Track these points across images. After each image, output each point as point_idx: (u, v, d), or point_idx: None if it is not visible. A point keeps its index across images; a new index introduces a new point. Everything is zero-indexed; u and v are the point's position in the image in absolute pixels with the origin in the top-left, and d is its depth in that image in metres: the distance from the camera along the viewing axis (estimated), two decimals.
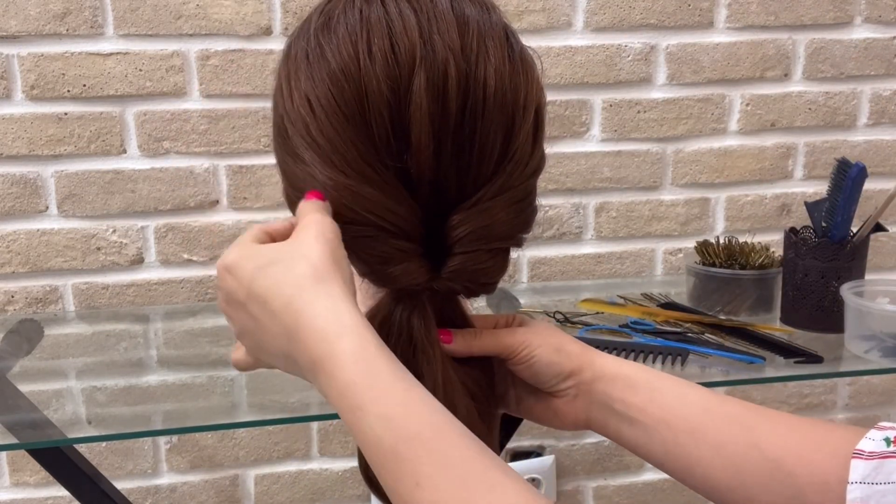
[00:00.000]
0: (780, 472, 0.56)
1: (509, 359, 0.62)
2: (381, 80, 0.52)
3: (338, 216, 0.55)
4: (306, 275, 0.49)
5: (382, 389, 0.47)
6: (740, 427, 0.58)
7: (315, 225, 0.52)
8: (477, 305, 0.65)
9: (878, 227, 1.09)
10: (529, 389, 0.65)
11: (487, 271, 0.58)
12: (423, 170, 0.54)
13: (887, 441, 0.53)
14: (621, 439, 0.63)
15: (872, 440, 0.54)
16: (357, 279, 0.60)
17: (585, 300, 1.23)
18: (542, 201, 0.62)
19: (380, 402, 0.47)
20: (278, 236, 0.55)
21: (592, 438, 1.55)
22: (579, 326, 1.13)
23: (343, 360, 0.47)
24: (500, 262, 0.59)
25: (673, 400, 0.60)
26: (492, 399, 0.63)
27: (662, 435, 0.60)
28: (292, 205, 0.60)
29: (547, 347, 0.62)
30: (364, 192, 0.54)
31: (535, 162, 0.59)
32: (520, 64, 0.56)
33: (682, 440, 0.59)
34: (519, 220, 0.59)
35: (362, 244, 0.55)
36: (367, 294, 0.59)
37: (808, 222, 1.13)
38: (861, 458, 0.53)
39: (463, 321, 0.62)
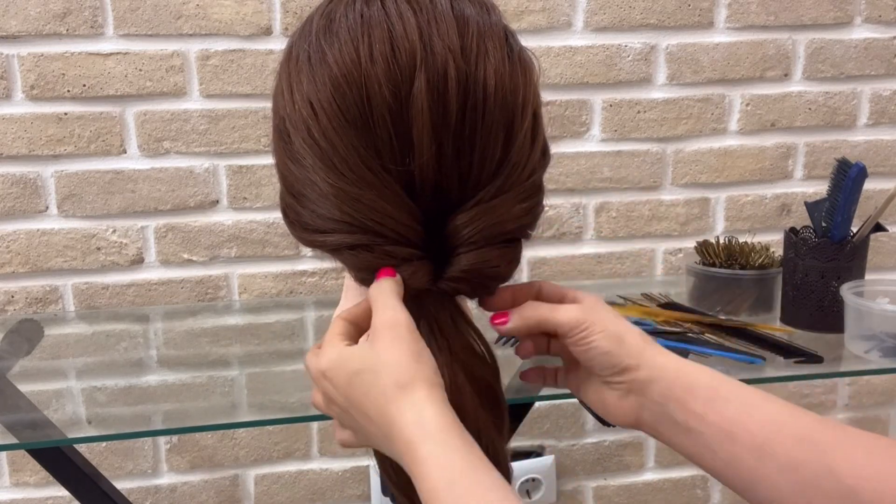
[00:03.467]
0: (854, 501, 0.51)
1: (565, 337, 0.60)
2: (383, 83, 0.52)
3: (338, 222, 0.55)
4: (391, 385, 0.52)
5: (461, 493, 0.48)
6: (813, 448, 0.53)
7: (389, 330, 0.54)
8: (477, 305, 0.64)
9: (878, 227, 1.09)
10: (585, 370, 0.62)
11: (496, 269, 0.58)
12: (425, 171, 0.54)
13: None
14: (676, 447, 0.59)
15: None
16: (355, 286, 0.60)
17: None
18: (543, 201, 0.62)
19: None
20: (362, 322, 0.58)
21: (592, 438, 1.55)
22: None
23: (427, 467, 0.50)
24: (510, 259, 0.59)
25: (739, 411, 0.55)
26: (501, 401, 0.62)
27: (725, 448, 0.55)
28: (286, 208, 0.60)
29: (606, 335, 0.59)
30: (364, 197, 0.54)
31: (534, 161, 0.58)
32: (518, 65, 0.56)
33: (747, 456, 0.54)
34: (527, 218, 0.59)
35: (362, 250, 0.55)
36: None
37: (808, 222, 1.13)
38: None
39: (467, 324, 0.61)
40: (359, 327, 0.58)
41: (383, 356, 0.53)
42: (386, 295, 0.55)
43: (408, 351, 0.53)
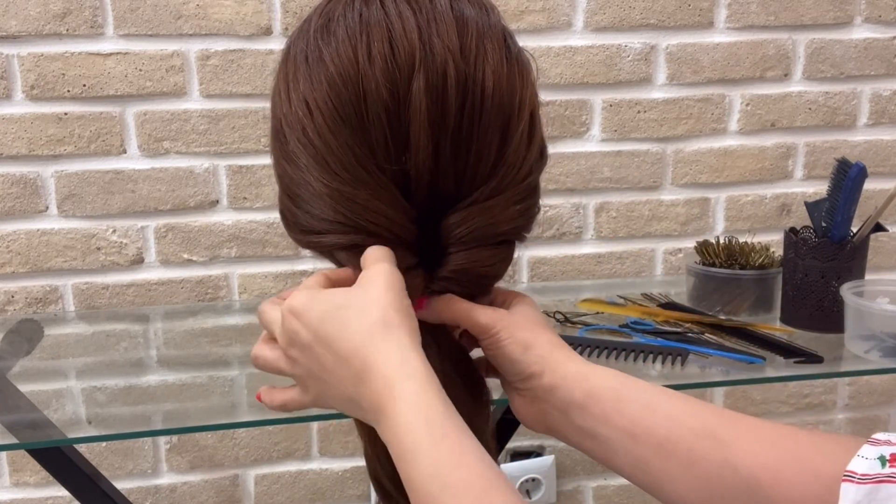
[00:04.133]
0: (754, 493, 0.51)
1: (479, 339, 0.60)
2: (381, 82, 0.52)
3: (332, 222, 0.55)
4: (377, 322, 0.51)
5: (439, 436, 0.47)
6: (713, 441, 0.53)
7: (384, 275, 0.53)
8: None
9: (878, 227, 1.09)
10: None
11: (488, 269, 0.58)
12: (422, 171, 0.54)
13: (882, 460, 0.48)
14: (585, 451, 0.58)
15: (865, 459, 0.48)
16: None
17: (585, 300, 1.23)
18: (542, 201, 0.62)
19: (434, 449, 0.47)
20: (340, 283, 0.57)
21: None
22: (579, 326, 1.13)
23: (404, 404, 0.48)
24: (501, 259, 0.59)
25: (640, 411, 0.55)
26: (486, 397, 0.62)
27: (628, 449, 0.55)
28: (283, 210, 0.60)
29: (513, 342, 0.58)
30: (358, 197, 0.54)
31: (531, 163, 0.58)
32: (517, 66, 0.56)
33: (650, 455, 0.54)
34: (521, 220, 0.58)
35: (357, 251, 0.55)
36: None
37: (808, 222, 1.12)
38: (853, 481, 0.47)
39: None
40: (336, 286, 0.57)
41: (372, 294, 0.52)
42: (382, 254, 0.54)
43: (399, 301, 0.52)
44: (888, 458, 0.48)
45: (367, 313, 0.51)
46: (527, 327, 0.59)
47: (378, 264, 0.53)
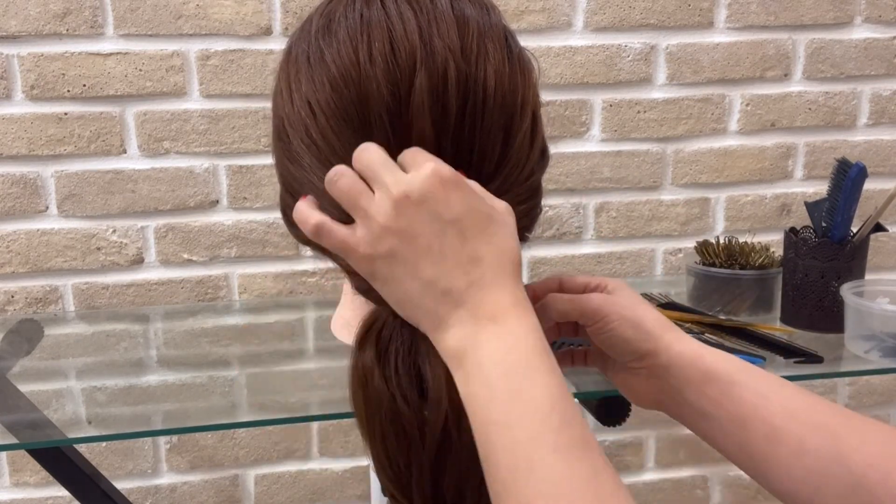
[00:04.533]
0: (861, 489, 0.52)
1: (586, 326, 0.61)
2: (382, 83, 0.52)
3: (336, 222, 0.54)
4: (515, 252, 0.51)
5: (549, 360, 0.48)
6: (825, 435, 0.54)
7: (505, 216, 0.52)
8: None
9: (878, 227, 1.09)
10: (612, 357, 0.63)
11: None
12: None
13: None
14: (694, 429, 0.60)
15: None
16: (350, 294, 0.59)
17: None
18: (543, 201, 0.62)
19: (551, 366, 0.47)
20: None
21: None
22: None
23: (526, 322, 0.48)
24: None
25: (753, 397, 0.56)
26: None
27: (738, 434, 0.56)
28: (285, 208, 0.60)
29: (623, 322, 0.60)
30: None
31: (533, 163, 0.58)
32: (518, 65, 0.56)
33: (759, 442, 0.56)
34: (524, 220, 0.58)
35: None
36: (367, 300, 0.58)
37: (808, 222, 1.13)
38: None
39: None
40: None
41: (510, 229, 0.51)
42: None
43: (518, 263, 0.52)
44: None
45: (510, 240, 0.51)
46: (633, 307, 0.60)
47: (506, 211, 0.52)
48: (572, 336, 0.66)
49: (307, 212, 0.52)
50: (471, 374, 0.48)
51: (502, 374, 0.47)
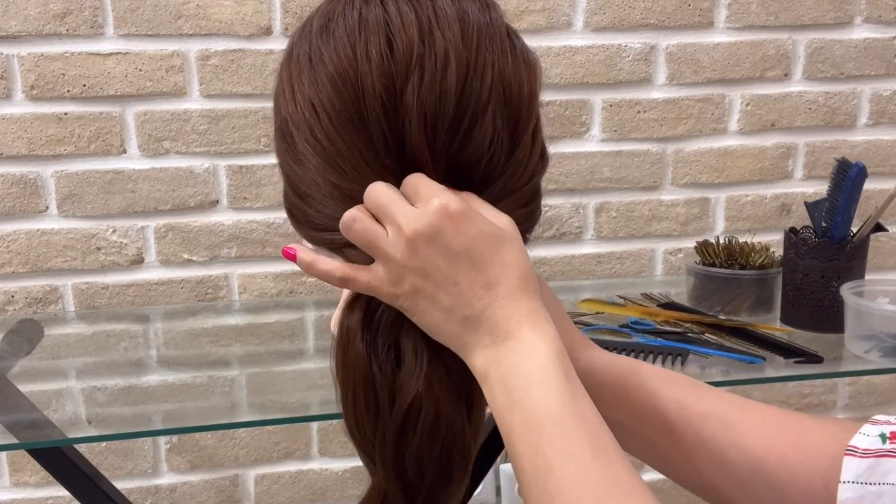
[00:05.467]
0: (760, 472, 0.54)
1: None
2: (377, 78, 0.52)
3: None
4: (529, 271, 0.52)
5: (569, 370, 0.49)
6: (717, 423, 0.56)
7: (512, 239, 0.53)
8: None
9: (878, 227, 1.09)
10: None
11: None
12: (421, 168, 0.54)
13: (882, 437, 0.51)
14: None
15: (867, 436, 0.52)
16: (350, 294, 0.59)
17: (585, 300, 1.23)
18: (543, 201, 0.62)
19: (566, 377, 0.49)
20: None
21: None
22: (579, 326, 1.13)
23: (545, 334, 0.50)
24: None
25: (647, 397, 0.58)
26: (474, 392, 0.62)
27: (640, 433, 0.59)
28: (291, 208, 0.60)
29: None
30: None
31: (535, 162, 0.58)
32: (521, 62, 0.56)
33: (660, 438, 0.58)
34: (525, 223, 0.58)
35: (363, 253, 0.55)
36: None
37: (808, 222, 1.13)
38: (855, 455, 0.51)
39: None
40: None
41: (517, 244, 0.52)
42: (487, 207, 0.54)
43: (534, 286, 0.53)
44: (888, 435, 0.51)
45: (522, 255, 0.52)
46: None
47: (501, 216, 0.53)
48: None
49: (329, 264, 0.55)
50: (494, 389, 0.51)
51: (518, 384, 0.49)
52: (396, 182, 0.54)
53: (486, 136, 0.54)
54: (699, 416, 0.57)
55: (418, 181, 0.53)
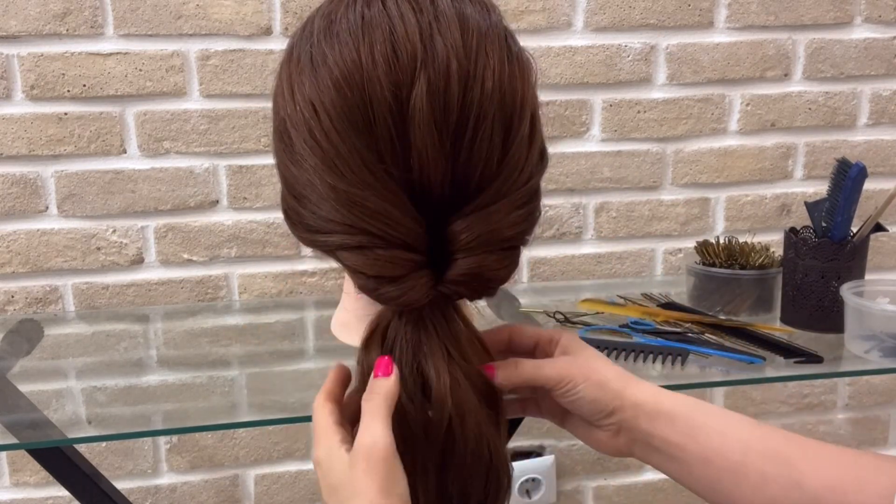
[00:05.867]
0: None
1: (552, 391, 0.63)
2: (385, 84, 0.52)
3: (340, 224, 0.54)
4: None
5: None
6: (781, 463, 0.57)
7: (365, 460, 0.54)
8: (478, 304, 0.64)
9: (878, 227, 1.09)
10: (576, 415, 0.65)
11: (495, 273, 0.58)
12: (426, 173, 0.54)
13: None
14: (665, 472, 0.63)
15: None
16: (354, 290, 0.59)
17: (585, 300, 1.23)
18: (543, 201, 0.62)
19: None
20: (350, 414, 0.59)
21: None
22: (580, 327, 1.13)
23: None
24: (508, 264, 0.59)
25: (713, 437, 0.59)
26: (500, 405, 0.62)
27: (704, 472, 0.59)
28: (287, 209, 0.60)
29: (590, 384, 0.62)
30: (367, 199, 0.53)
31: (532, 164, 0.58)
32: (517, 66, 0.56)
33: (723, 478, 0.59)
34: (524, 224, 0.58)
35: (364, 255, 0.55)
36: (367, 301, 0.58)
37: (808, 222, 1.13)
38: None
39: (465, 324, 0.61)
40: (350, 414, 0.60)
41: (357, 485, 0.54)
42: (374, 411, 0.55)
43: (380, 483, 0.53)
44: None
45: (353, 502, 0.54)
46: (595, 368, 0.63)
47: (365, 435, 0.54)
48: (535, 414, 0.69)
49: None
50: None
51: None
52: (398, 185, 0.54)
53: (485, 141, 0.54)
54: (762, 456, 0.58)
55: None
